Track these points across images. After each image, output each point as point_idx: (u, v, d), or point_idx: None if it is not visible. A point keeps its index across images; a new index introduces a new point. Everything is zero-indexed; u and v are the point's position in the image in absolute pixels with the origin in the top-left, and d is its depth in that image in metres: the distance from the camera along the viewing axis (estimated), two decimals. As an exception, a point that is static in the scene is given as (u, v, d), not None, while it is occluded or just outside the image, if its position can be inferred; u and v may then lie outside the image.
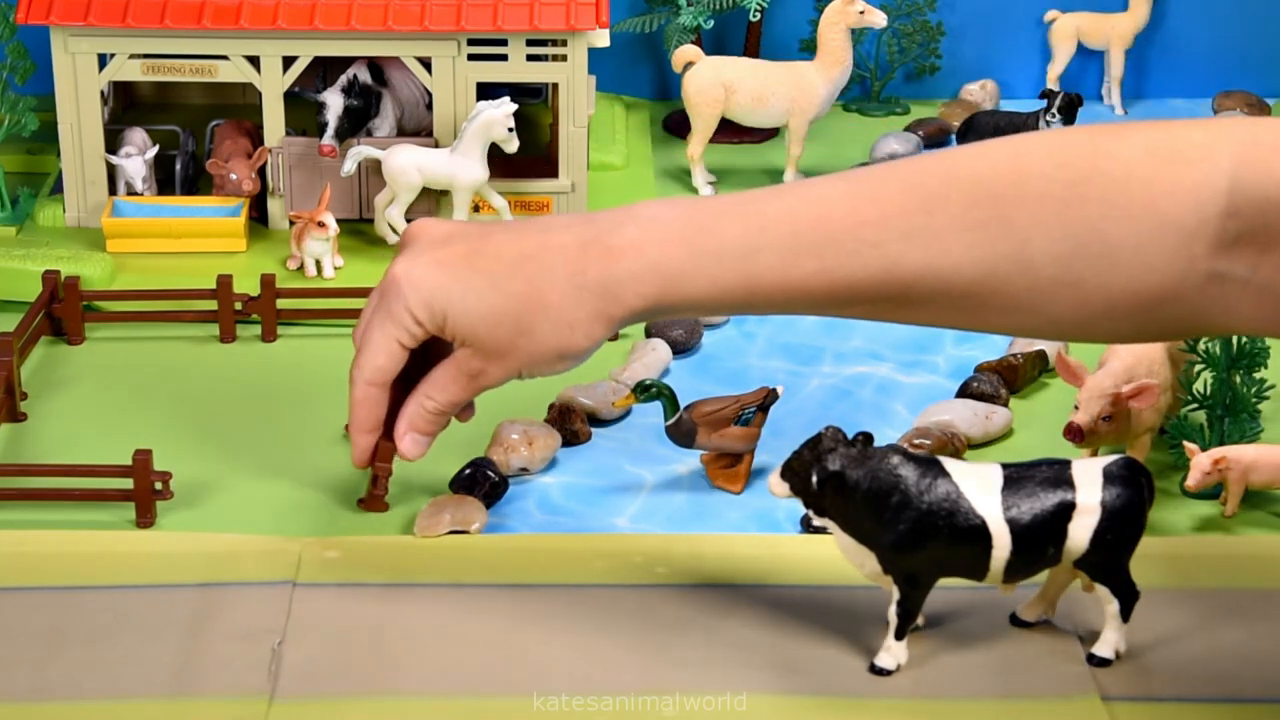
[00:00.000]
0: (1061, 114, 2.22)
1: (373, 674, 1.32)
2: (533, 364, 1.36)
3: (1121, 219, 1.19)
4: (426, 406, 1.41)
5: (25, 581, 1.43)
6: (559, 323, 1.32)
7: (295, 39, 2.05)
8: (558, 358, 1.35)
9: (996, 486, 1.25)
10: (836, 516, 1.27)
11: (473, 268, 1.35)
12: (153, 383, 1.80)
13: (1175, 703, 1.31)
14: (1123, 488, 1.26)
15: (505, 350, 1.35)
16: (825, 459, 1.25)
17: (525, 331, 1.33)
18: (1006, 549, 1.25)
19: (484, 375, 1.38)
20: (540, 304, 1.32)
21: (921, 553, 1.26)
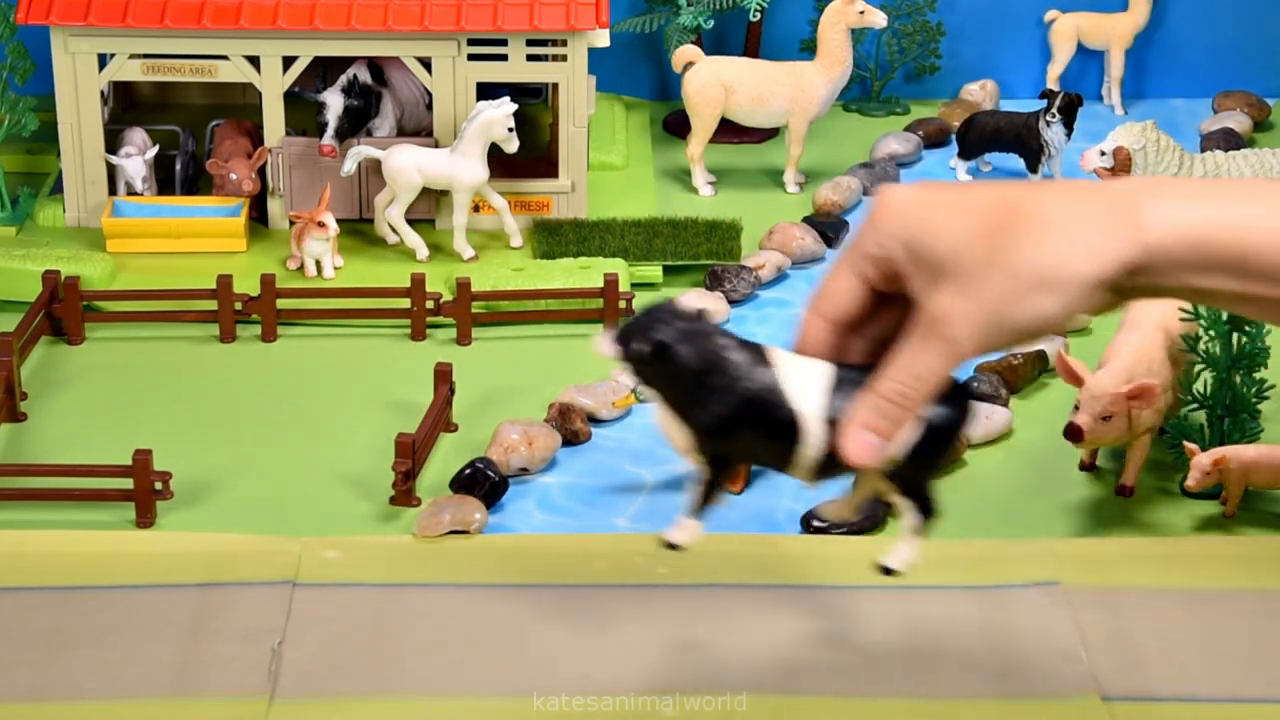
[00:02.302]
0: (1061, 114, 2.22)
1: (373, 674, 1.32)
2: (1008, 295, 1.04)
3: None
4: (882, 388, 1.10)
5: (25, 581, 1.43)
6: (1056, 233, 1.03)
7: (295, 39, 2.05)
8: (1041, 283, 1.03)
9: (823, 386, 1.19)
10: (659, 388, 1.23)
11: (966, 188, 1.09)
12: (153, 383, 1.80)
13: (1175, 703, 1.31)
14: (945, 407, 1.21)
15: (978, 273, 1.04)
16: (654, 329, 1.21)
17: (1005, 244, 1.04)
18: (819, 448, 1.17)
19: (950, 323, 1.06)
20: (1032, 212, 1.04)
21: (734, 440, 1.19)
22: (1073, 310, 1.03)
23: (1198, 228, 1.01)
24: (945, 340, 1.06)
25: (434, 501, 1.55)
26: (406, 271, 1.91)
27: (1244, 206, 1.03)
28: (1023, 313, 1.03)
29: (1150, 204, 1.02)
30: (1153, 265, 1.02)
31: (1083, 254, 1.01)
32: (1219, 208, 1.03)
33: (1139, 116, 2.36)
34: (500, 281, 1.95)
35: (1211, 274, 1.03)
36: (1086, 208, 1.02)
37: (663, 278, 2.00)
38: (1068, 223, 1.02)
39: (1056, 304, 1.02)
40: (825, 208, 2.17)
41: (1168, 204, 1.02)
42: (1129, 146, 1.98)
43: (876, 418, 1.11)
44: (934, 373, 1.08)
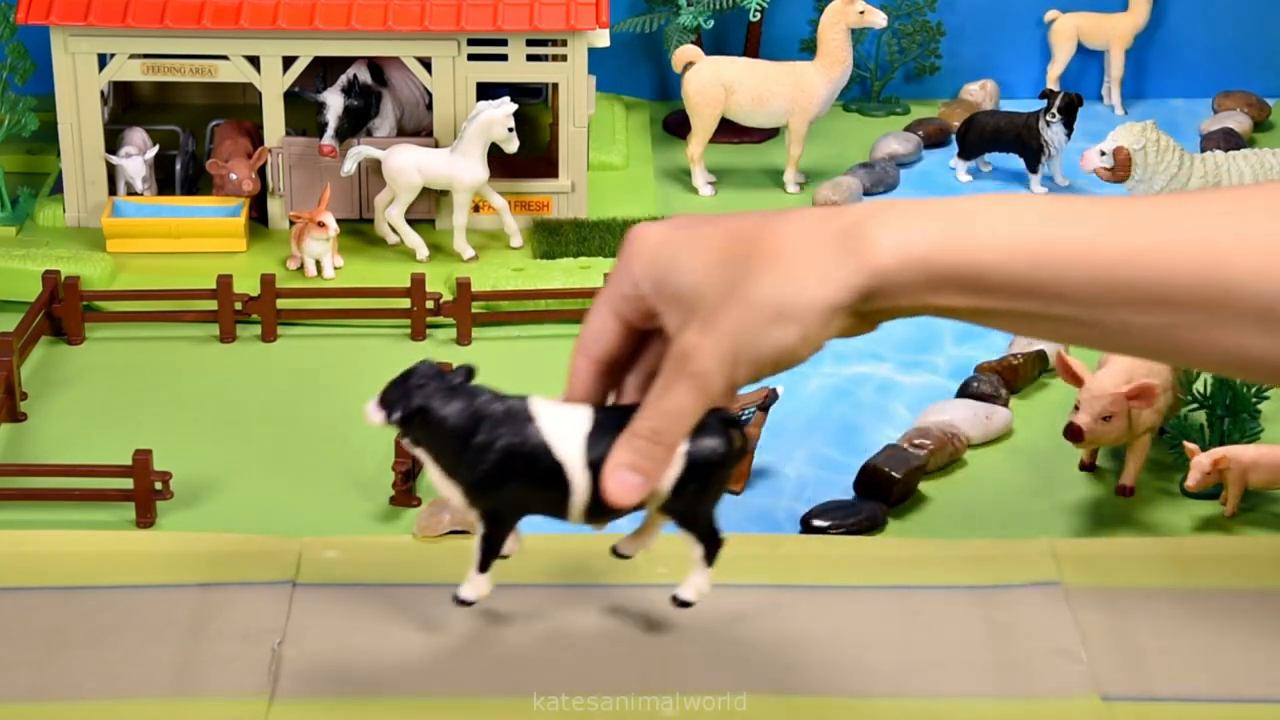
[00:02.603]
0: (1061, 114, 2.22)
1: (373, 674, 1.32)
2: (747, 327, 1.07)
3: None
4: (638, 427, 1.14)
5: (25, 581, 1.43)
6: (787, 264, 1.06)
7: (295, 39, 2.05)
8: (776, 314, 1.06)
9: (582, 431, 1.22)
10: (426, 449, 1.25)
11: (710, 222, 1.12)
12: (153, 383, 1.80)
13: (1175, 703, 1.31)
14: (707, 439, 1.22)
15: (719, 307, 1.08)
16: (413, 394, 1.24)
17: (743, 277, 1.07)
18: (586, 493, 1.20)
19: (695, 359, 1.09)
20: (767, 245, 1.07)
21: (502, 492, 1.23)
22: (813, 337, 1.06)
23: (925, 249, 1.04)
24: (692, 376, 1.09)
25: (434, 501, 1.54)
26: (406, 271, 1.91)
27: (971, 225, 1.05)
28: (764, 344, 1.07)
29: (877, 229, 1.04)
30: (885, 288, 1.05)
31: (814, 283, 1.05)
32: (946, 227, 1.05)
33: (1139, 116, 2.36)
34: (500, 281, 1.95)
35: (947, 292, 1.05)
36: (818, 237, 1.05)
37: (663, 278, 2.00)
38: (800, 253, 1.05)
39: (795, 333, 1.06)
40: (825, 208, 2.17)
41: (895, 227, 1.05)
42: (1129, 146, 1.98)
43: (635, 457, 1.14)
44: (684, 409, 1.11)
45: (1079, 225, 1.05)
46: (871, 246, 1.04)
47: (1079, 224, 1.05)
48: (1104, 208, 1.06)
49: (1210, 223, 1.04)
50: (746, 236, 1.08)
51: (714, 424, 1.20)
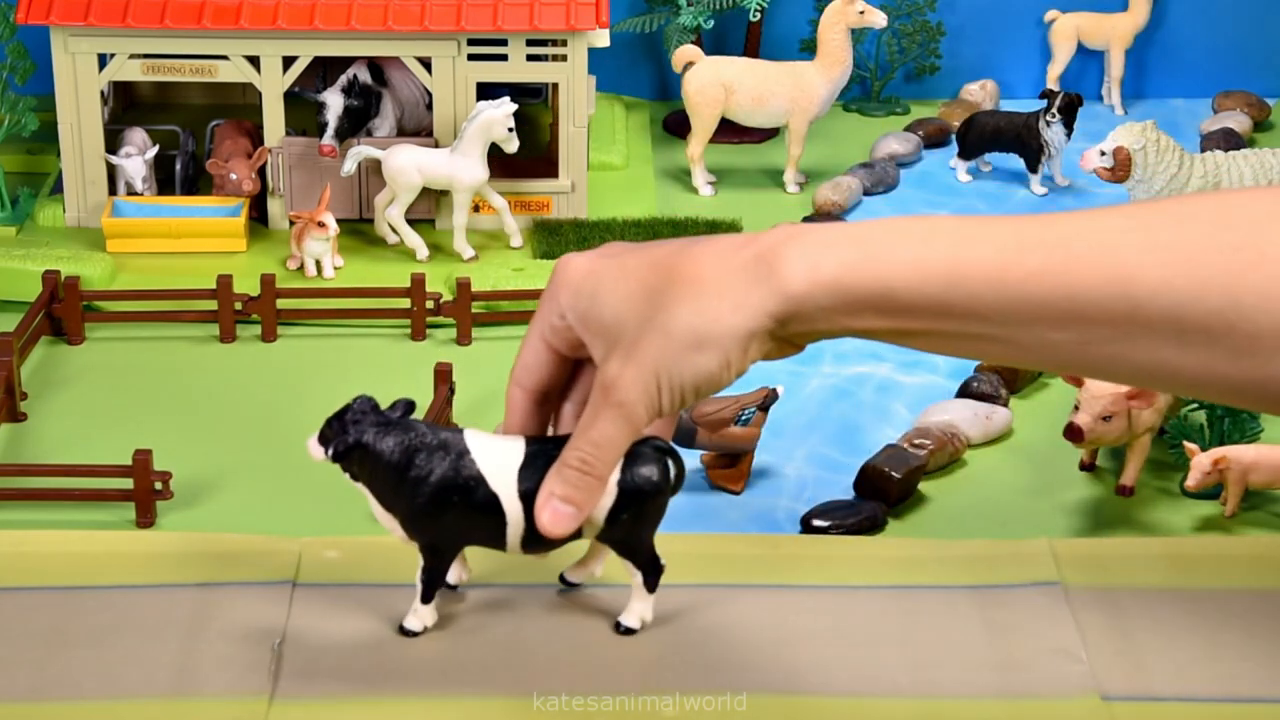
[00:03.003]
0: (1061, 114, 2.22)
1: (373, 674, 1.32)
2: (667, 356, 1.10)
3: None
4: (568, 457, 1.17)
5: (25, 581, 1.43)
6: (703, 293, 1.09)
7: (295, 39, 2.05)
8: (695, 343, 1.09)
9: (515, 463, 1.23)
10: (365, 483, 1.27)
11: (633, 251, 1.15)
12: (153, 383, 1.80)
13: (1175, 703, 1.31)
14: (641, 467, 1.23)
15: (639, 338, 1.11)
16: (349, 429, 1.25)
17: (662, 306, 1.10)
18: (520, 523, 1.24)
19: (618, 389, 1.13)
20: (684, 273, 1.10)
21: (440, 524, 1.26)
22: (733, 363, 1.09)
23: (836, 272, 1.06)
24: (617, 406, 1.12)
25: (434, 501, 1.54)
26: (406, 271, 1.91)
27: (880, 248, 1.07)
28: (684, 372, 1.09)
29: (790, 254, 1.07)
30: (800, 313, 1.07)
31: (729, 311, 1.07)
32: (856, 251, 1.07)
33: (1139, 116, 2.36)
34: (500, 281, 1.95)
35: (862, 315, 1.07)
36: (732, 264, 1.08)
37: (663, 278, 1.99)
38: (715, 281, 1.08)
39: (714, 360, 1.09)
40: (825, 208, 2.17)
41: (805, 252, 1.07)
42: (1129, 146, 1.98)
43: (566, 487, 1.18)
44: (611, 438, 1.15)
45: (988, 245, 1.06)
46: (783, 272, 1.07)
47: (988, 243, 1.06)
48: (1013, 226, 1.07)
49: (1116, 238, 1.05)
50: (664, 265, 1.11)
51: (649, 453, 1.23)
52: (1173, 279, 1.04)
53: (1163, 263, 1.04)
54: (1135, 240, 1.05)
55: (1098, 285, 1.05)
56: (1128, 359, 1.06)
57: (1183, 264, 1.04)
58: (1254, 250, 1.03)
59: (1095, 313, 1.05)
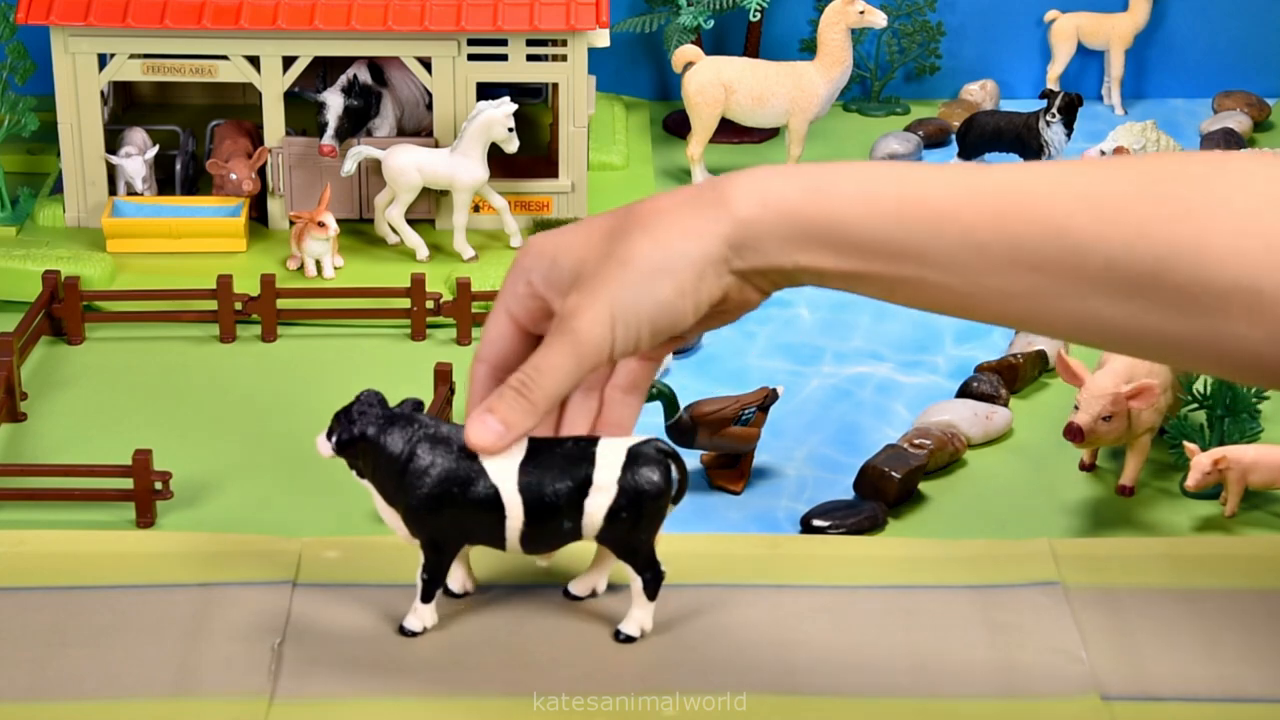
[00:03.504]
0: (1061, 114, 2.22)
1: (373, 674, 1.32)
2: (623, 285, 1.11)
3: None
4: (511, 379, 1.17)
5: (25, 581, 1.43)
6: (659, 226, 1.10)
7: (295, 39, 2.05)
8: (651, 271, 1.10)
9: (517, 459, 1.23)
10: (369, 478, 1.28)
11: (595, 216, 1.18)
12: (153, 383, 1.80)
13: (1175, 702, 1.31)
14: (644, 469, 1.24)
15: (599, 271, 1.12)
16: (355, 422, 1.26)
17: (621, 242, 1.11)
18: (520, 520, 1.24)
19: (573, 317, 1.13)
20: (642, 213, 1.12)
21: (440, 518, 1.26)
22: (687, 292, 1.10)
23: (787, 199, 1.08)
24: (569, 333, 1.13)
25: (434, 501, 1.54)
26: (406, 271, 1.91)
27: (830, 182, 1.09)
28: (640, 300, 1.10)
29: (741, 184, 1.09)
30: (752, 239, 1.09)
31: (683, 238, 1.09)
32: (806, 183, 1.09)
33: (1139, 116, 2.36)
34: (500, 281, 1.95)
35: (812, 248, 1.09)
36: (686, 199, 1.10)
37: (663, 278, 1.99)
38: (670, 214, 1.10)
39: (670, 286, 1.10)
40: (825, 208, 2.17)
41: (756, 183, 1.09)
42: (1129, 146, 1.98)
43: (498, 402, 1.18)
44: (557, 365, 1.15)
45: (936, 187, 1.08)
46: (734, 199, 1.09)
47: (936, 185, 1.08)
48: (961, 171, 1.09)
49: (1056, 187, 1.07)
50: (622, 212, 1.13)
51: (652, 454, 1.23)
52: (1106, 229, 1.05)
53: (1098, 212, 1.05)
54: (1073, 190, 1.07)
55: (1036, 233, 1.06)
56: (1068, 310, 1.07)
57: (1115, 214, 1.05)
58: (1182, 204, 1.04)
59: (1034, 261, 1.06)
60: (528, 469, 1.23)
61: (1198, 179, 1.06)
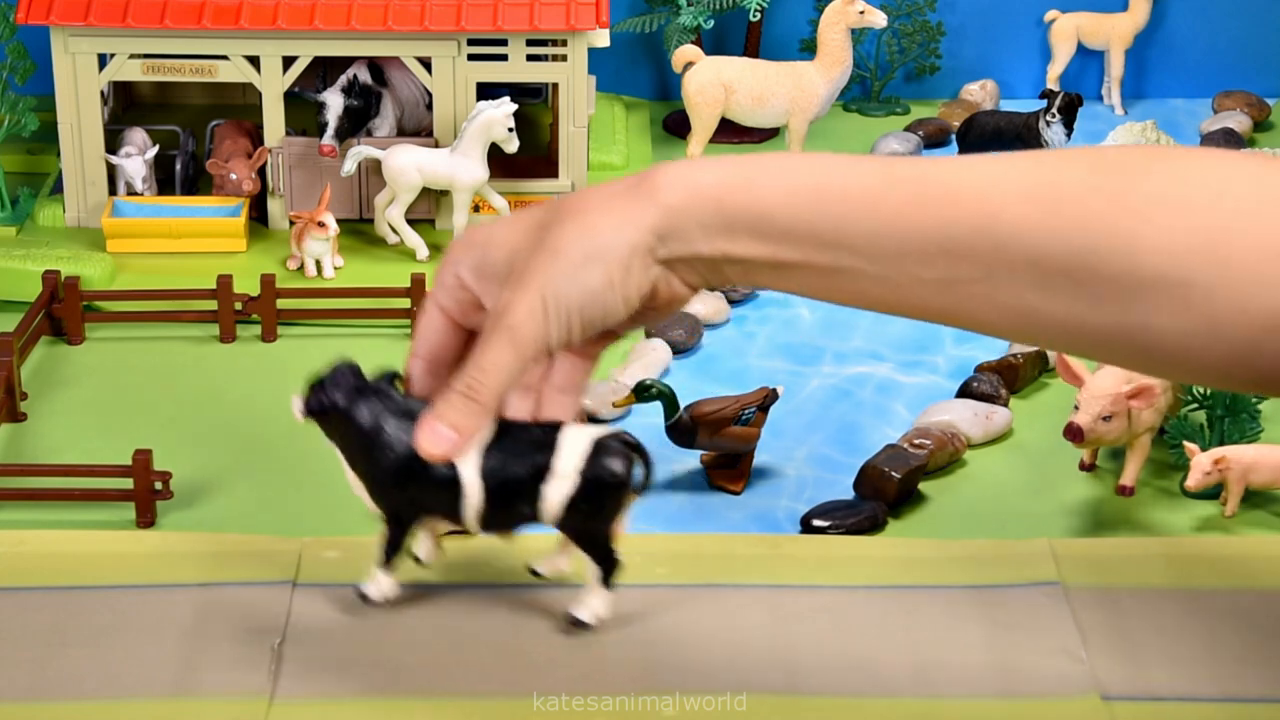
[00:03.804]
0: (1061, 114, 2.22)
1: (373, 674, 1.32)
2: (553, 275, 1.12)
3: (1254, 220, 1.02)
4: (455, 383, 1.18)
5: (25, 581, 1.43)
6: (588, 216, 1.11)
7: (295, 39, 2.05)
8: (580, 259, 1.11)
9: (480, 439, 1.24)
10: (339, 444, 1.29)
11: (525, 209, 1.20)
12: (153, 383, 1.80)
13: (1175, 702, 1.31)
14: (606, 459, 1.24)
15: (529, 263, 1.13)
16: (328, 391, 1.26)
17: (551, 234, 1.13)
18: (479, 501, 1.25)
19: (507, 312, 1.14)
20: (572, 205, 1.13)
21: (402, 493, 1.27)
22: (616, 281, 1.11)
23: (713, 188, 1.09)
24: (505, 329, 1.13)
25: (434, 501, 1.54)
26: (406, 271, 1.91)
27: (757, 171, 1.10)
28: (570, 290, 1.11)
29: (669, 174, 1.11)
30: (678, 227, 1.10)
31: (612, 227, 1.10)
32: (733, 171, 1.10)
33: (1139, 116, 2.36)
34: (500, 281, 1.95)
35: (738, 237, 1.09)
36: (618, 191, 1.11)
37: (663, 278, 1.99)
38: (600, 204, 1.11)
39: (597, 275, 1.10)
40: (825, 208, 2.17)
41: (685, 172, 1.11)
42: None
43: (448, 410, 1.18)
44: (498, 363, 1.15)
45: (861, 174, 1.09)
46: (661, 188, 1.10)
47: (861, 173, 1.09)
48: (887, 161, 1.10)
49: (985, 177, 1.07)
50: (553, 205, 1.14)
51: (616, 447, 1.24)
52: (1035, 218, 1.04)
53: (1027, 202, 1.05)
54: (1003, 180, 1.07)
55: (962, 220, 1.06)
56: (995, 301, 1.06)
57: (1047, 204, 1.05)
58: (1117, 196, 1.04)
59: (960, 249, 1.06)
60: (491, 452, 1.23)
61: (1135, 171, 1.05)
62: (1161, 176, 1.05)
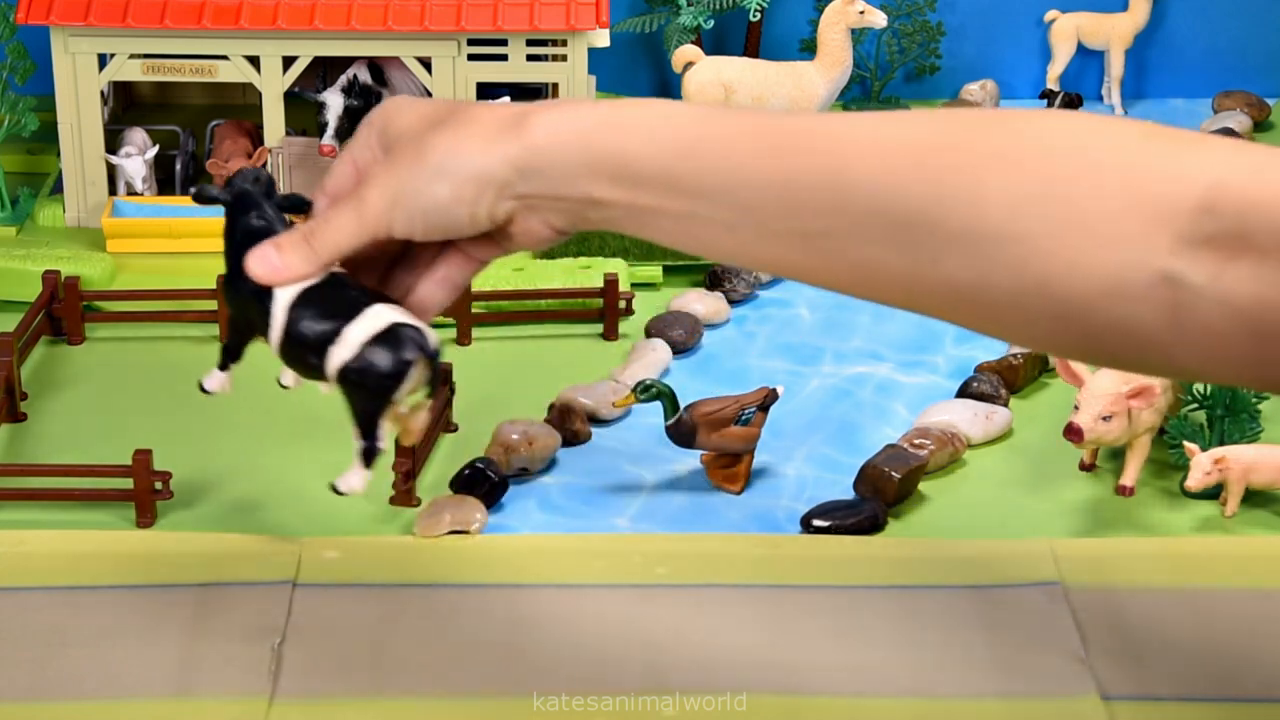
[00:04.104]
0: (1061, 114, 2.22)
1: (373, 674, 1.32)
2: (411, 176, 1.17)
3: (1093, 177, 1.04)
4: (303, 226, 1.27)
5: (25, 581, 1.43)
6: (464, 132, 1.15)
7: (295, 39, 2.05)
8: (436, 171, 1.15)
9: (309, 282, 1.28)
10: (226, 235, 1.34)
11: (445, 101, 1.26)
12: (153, 383, 1.80)
13: (1175, 702, 1.31)
14: (384, 348, 1.26)
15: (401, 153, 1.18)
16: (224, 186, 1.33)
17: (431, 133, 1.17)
18: (280, 335, 1.30)
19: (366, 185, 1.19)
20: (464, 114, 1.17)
21: (235, 297, 1.33)
22: (464, 199, 1.14)
23: (579, 130, 1.11)
24: (358, 199, 1.19)
25: (434, 501, 1.55)
26: (406, 271, 1.91)
27: (625, 116, 1.12)
28: (419, 196, 1.15)
29: (542, 113, 1.13)
30: (540, 165, 1.12)
31: (474, 150, 1.13)
32: (603, 115, 1.12)
33: (1139, 116, 2.36)
34: (500, 281, 1.95)
35: (595, 179, 1.11)
36: (498, 115, 1.14)
37: (663, 278, 2.00)
38: (478, 125, 1.14)
39: (447, 191, 1.14)
40: (825, 208, 2.17)
41: (557, 112, 1.13)
42: (1129, 146, 1.98)
43: (285, 242, 1.26)
44: (340, 223, 1.21)
45: (723, 125, 1.10)
46: (530, 126, 1.12)
47: (723, 125, 1.10)
48: (752, 114, 1.12)
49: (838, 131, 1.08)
50: (453, 108, 1.17)
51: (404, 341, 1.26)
52: (880, 171, 1.05)
53: (873, 156, 1.06)
54: (852, 133, 1.08)
55: (811, 170, 1.07)
56: (843, 255, 1.08)
57: (891, 158, 1.06)
58: (959, 150, 1.05)
59: (808, 201, 1.07)
60: (309, 297, 1.27)
61: (977, 129, 1.07)
62: (1002, 134, 1.06)
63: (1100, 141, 1.05)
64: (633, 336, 1.87)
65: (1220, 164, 1.02)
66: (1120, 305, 1.02)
